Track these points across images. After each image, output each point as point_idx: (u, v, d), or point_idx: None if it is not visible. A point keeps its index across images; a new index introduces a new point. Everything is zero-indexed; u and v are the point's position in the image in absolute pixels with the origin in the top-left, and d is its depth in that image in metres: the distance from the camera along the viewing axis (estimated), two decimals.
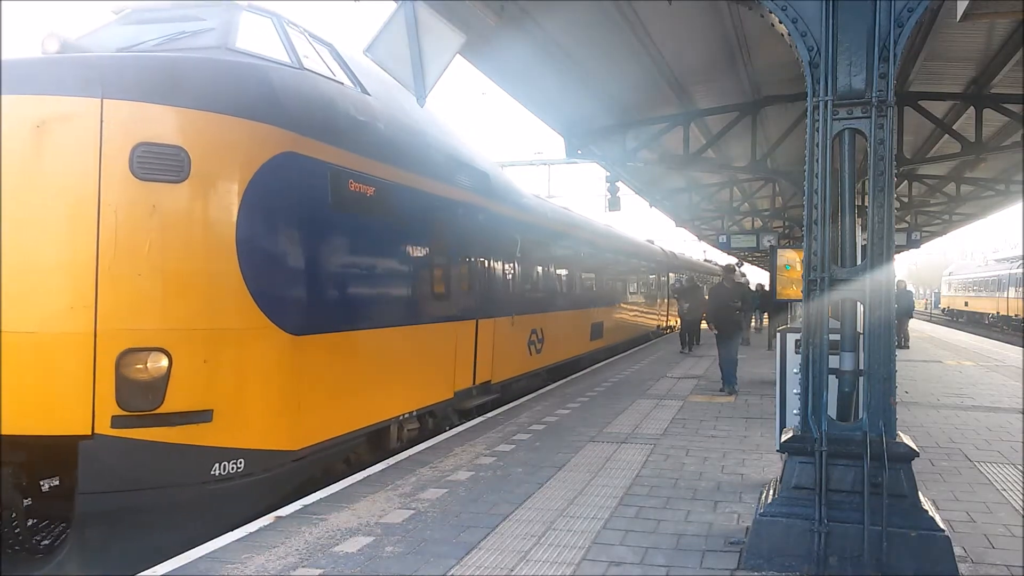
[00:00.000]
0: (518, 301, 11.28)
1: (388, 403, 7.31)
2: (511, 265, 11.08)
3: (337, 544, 4.80)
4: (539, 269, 12.83)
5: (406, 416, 7.70)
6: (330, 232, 6.39)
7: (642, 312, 23.07)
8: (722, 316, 11.89)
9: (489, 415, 9.57)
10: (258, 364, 5.60)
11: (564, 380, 13.25)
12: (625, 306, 20.40)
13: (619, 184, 15.55)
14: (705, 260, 44.85)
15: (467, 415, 9.47)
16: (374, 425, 7.10)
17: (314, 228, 6.15)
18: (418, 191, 7.86)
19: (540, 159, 28.74)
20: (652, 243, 26.76)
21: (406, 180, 7.58)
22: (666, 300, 27.03)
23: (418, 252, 7.90)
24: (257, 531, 5.08)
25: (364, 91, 7.31)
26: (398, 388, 7.47)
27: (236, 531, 5.09)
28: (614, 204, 15.24)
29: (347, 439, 6.66)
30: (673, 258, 29.72)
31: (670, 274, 27.91)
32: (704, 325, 17.90)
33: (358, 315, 6.80)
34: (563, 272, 14.54)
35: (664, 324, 26.67)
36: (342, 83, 7.02)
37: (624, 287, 20.51)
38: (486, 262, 9.95)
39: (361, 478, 6.47)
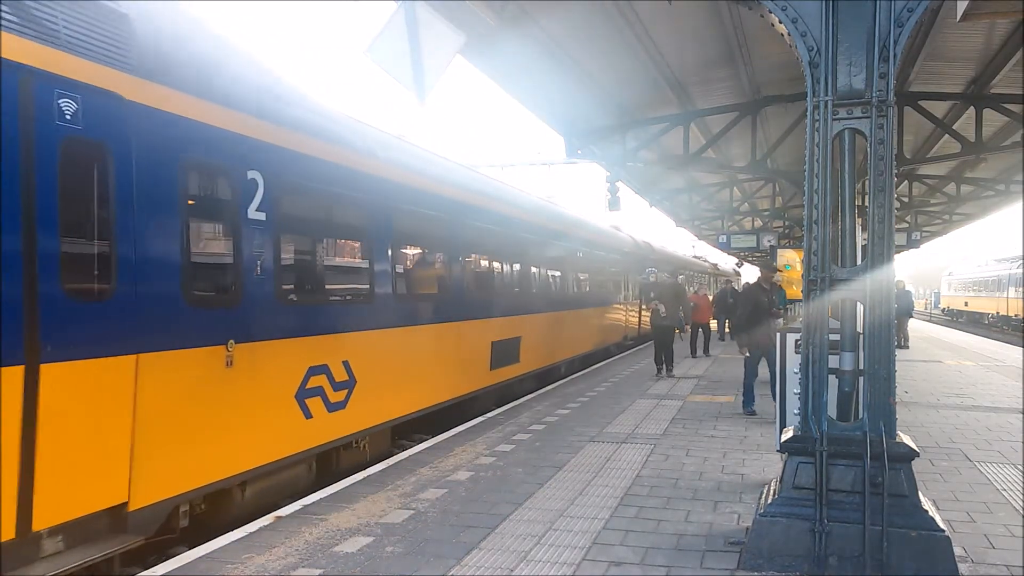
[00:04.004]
0: (261, 312, 5.77)
1: None
2: (228, 232, 5.57)
3: (337, 544, 4.80)
4: (339, 248, 7.50)
5: None
6: None
7: (597, 320, 17.36)
8: (757, 324, 9.61)
9: (489, 414, 9.57)
10: None
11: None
12: (566, 313, 14.65)
13: (619, 184, 15.54)
14: (695, 257, 38.09)
15: None
16: None
17: None
18: None
19: (540, 159, 28.79)
20: (619, 230, 21.51)
21: None
22: (638, 303, 21.48)
23: None
24: (257, 531, 5.08)
25: None
26: None
27: (236, 531, 5.09)
28: (614, 204, 15.22)
29: None
30: (649, 250, 23.77)
31: (647, 271, 20.89)
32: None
33: None
34: (422, 258, 9.19)
35: (635, 333, 21.57)
36: None
37: (565, 286, 14.97)
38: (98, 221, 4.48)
39: (361, 478, 6.48)
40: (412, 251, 8.90)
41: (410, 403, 8.18)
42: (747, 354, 9.60)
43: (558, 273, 14.46)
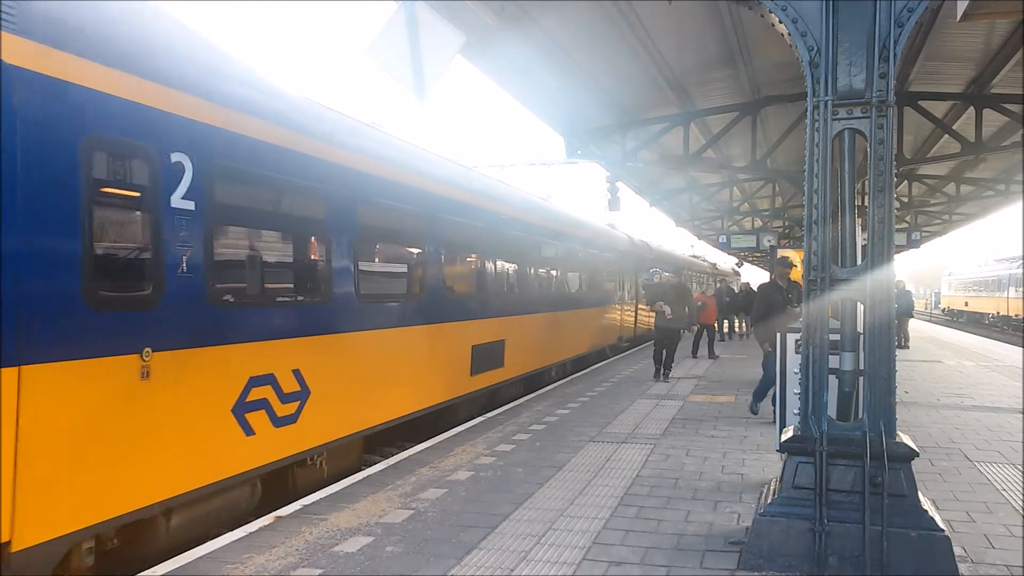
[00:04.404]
0: (187, 315, 4.98)
1: None
2: (144, 223, 4.81)
3: (337, 544, 4.80)
4: (289, 243, 6.44)
5: None
6: None
7: (589, 321, 16.55)
8: (772, 321, 9.27)
9: (489, 415, 9.57)
10: None
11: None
12: (556, 314, 13.84)
13: (619, 184, 15.54)
14: (693, 256, 37.65)
15: None
16: None
17: None
18: None
19: (540, 159, 28.82)
20: (614, 228, 20.73)
21: None
22: (634, 304, 20.96)
23: None
24: (257, 531, 5.08)
25: None
26: None
27: (236, 531, 5.09)
28: (614, 204, 15.23)
29: None
30: (646, 250, 23.00)
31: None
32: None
33: None
34: (392, 255, 8.44)
35: (631, 335, 20.80)
36: None
37: (555, 286, 14.12)
38: None
39: (361, 478, 6.48)
40: (379, 247, 8.02)
41: (377, 414, 7.38)
42: (770, 349, 9.45)
43: (548, 272, 13.60)
